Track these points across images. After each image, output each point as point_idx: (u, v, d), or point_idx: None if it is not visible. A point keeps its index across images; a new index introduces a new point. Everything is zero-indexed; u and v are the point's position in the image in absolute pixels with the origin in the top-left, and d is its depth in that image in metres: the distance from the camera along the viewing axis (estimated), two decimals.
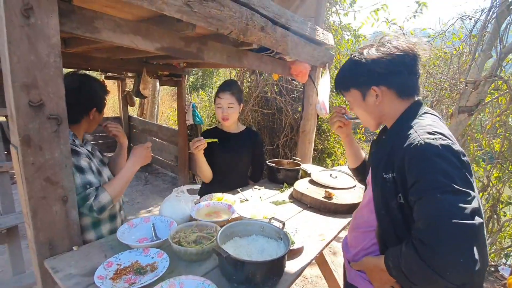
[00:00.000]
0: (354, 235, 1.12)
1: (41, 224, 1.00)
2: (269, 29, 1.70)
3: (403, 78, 0.95)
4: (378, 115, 1.02)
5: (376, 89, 0.96)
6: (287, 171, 2.04)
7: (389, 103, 0.98)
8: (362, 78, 0.99)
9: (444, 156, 0.76)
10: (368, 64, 0.95)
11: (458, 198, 0.72)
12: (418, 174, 0.79)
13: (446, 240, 0.70)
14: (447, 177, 0.74)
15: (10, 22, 0.85)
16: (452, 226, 0.69)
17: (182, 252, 1.02)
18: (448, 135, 0.83)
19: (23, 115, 0.91)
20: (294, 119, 4.32)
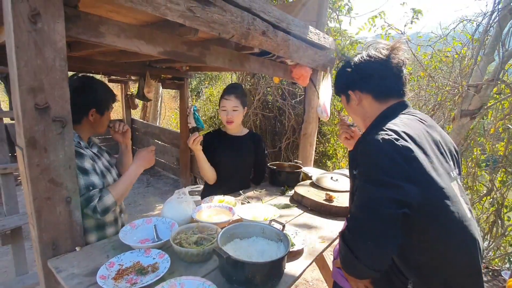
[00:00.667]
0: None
1: (45, 224, 1.02)
2: (270, 33, 1.72)
3: (374, 82, 1.00)
4: (362, 117, 1.07)
5: (351, 94, 1.05)
6: (288, 174, 2.05)
7: (368, 105, 1.04)
8: (342, 84, 1.10)
9: (381, 150, 0.81)
10: (345, 71, 1.06)
11: (381, 189, 0.77)
12: (359, 166, 0.87)
13: (362, 226, 0.79)
14: (378, 170, 0.80)
15: (18, 27, 0.87)
16: (368, 212, 0.78)
17: (183, 253, 1.03)
18: (403, 132, 0.85)
19: (29, 117, 0.93)
20: (297, 122, 4.33)
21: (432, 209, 0.81)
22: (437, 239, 0.84)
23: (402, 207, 0.76)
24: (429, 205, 0.81)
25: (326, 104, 2.46)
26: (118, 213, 1.43)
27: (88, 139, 1.41)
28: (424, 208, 0.79)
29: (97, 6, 1.39)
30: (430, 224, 0.83)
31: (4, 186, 2.00)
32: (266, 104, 4.85)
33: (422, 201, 0.78)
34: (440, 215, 0.82)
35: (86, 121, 1.34)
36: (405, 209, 0.76)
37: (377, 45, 1.02)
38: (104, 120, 1.42)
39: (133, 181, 1.34)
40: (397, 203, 0.76)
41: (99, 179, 1.26)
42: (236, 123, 1.81)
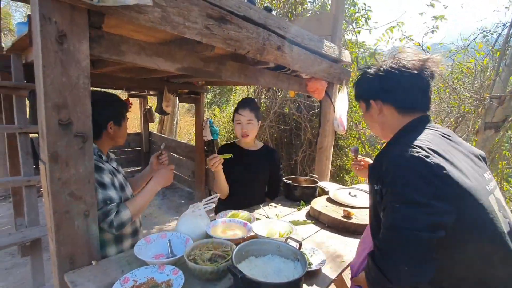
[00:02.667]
0: (358, 251, 1.11)
1: (63, 238, 1.03)
2: (285, 48, 1.73)
3: (399, 94, 0.96)
4: (383, 127, 1.04)
5: (373, 103, 1.01)
6: (304, 189, 2.00)
7: (389, 117, 0.99)
8: (364, 91, 1.05)
9: (412, 168, 0.77)
10: (368, 79, 1.01)
11: (416, 210, 0.73)
12: (387, 185, 0.82)
13: (396, 248, 0.75)
14: (410, 189, 0.75)
15: (45, 48, 0.92)
16: (402, 235, 0.74)
17: (197, 270, 1.01)
18: (430, 149, 0.80)
19: (52, 133, 0.97)
20: (313, 135, 4.29)
21: (468, 227, 0.76)
22: (474, 258, 0.78)
23: (438, 229, 0.72)
24: (466, 223, 0.76)
25: (342, 117, 2.42)
26: (138, 225, 1.45)
27: (107, 153, 1.44)
28: (460, 226, 0.75)
29: (120, 27, 1.46)
30: (466, 242, 0.77)
31: (27, 197, 2.07)
32: (283, 117, 4.85)
33: (458, 219, 0.74)
34: (478, 232, 0.77)
35: (106, 134, 1.38)
36: (441, 231, 0.72)
37: (405, 54, 0.97)
38: (123, 130, 1.45)
39: (151, 198, 1.37)
40: (432, 226, 0.72)
41: (116, 193, 1.27)
42: (251, 136, 1.81)
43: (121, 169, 1.53)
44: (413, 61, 0.94)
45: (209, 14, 1.27)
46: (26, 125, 2.24)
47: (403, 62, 0.94)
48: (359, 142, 4.45)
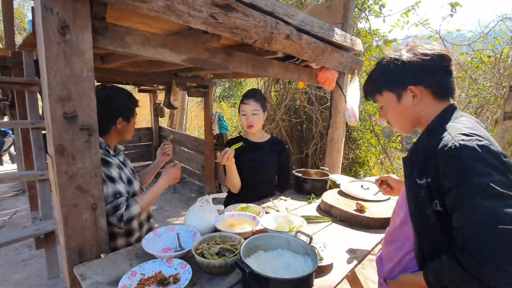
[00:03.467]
0: (388, 250, 1.04)
1: (72, 231, 1.03)
2: (294, 37, 1.67)
3: (440, 77, 0.90)
4: (414, 118, 0.96)
5: (413, 89, 0.91)
6: (315, 181, 1.96)
7: (426, 104, 0.92)
8: (397, 79, 0.94)
9: (482, 158, 0.71)
10: (403, 65, 0.92)
11: (502, 203, 0.66)
12: (455, 179, 0.73)
13: (491, 248, 0.66)
14: (487, 180, 0.68)
15: (48, 39, 0.91)
16: (497, 233, 0.65)
17: (205, 264, 0.99)
18: (486, 137, 0.76)
19: (58, 126, 0.96)
20: (324, 127, 4.21)
21: None
22: None
23: None
24: None
25: (354, 108, 2.35)
26: (145, 219, 1.46)
27: (114, 147, 1.44)
28: None
29: (125, 19, 1.44)
30: None
31: (40, 191, 2.12)
32: (294, 109, 4.78)
33: None
34: None
35: (114, 130, 1.38)
36: None
37: (427, 44, 0.93)
38: (131, 126, 1.45)
39: (159, 194, 1.41)
40: None
41: (124, 187, 1.27)
42: (256, 127, 1.77)
43: (129, 162, 1.53)
44: (439, 46, 0.90)
45: (214, 2, 1.23)
46: (38, 120, 2.28)
47: (436, 48, 0.90)
48: (372, 134, 4.34)
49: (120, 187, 1.25)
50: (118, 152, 1.46)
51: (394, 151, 4.69)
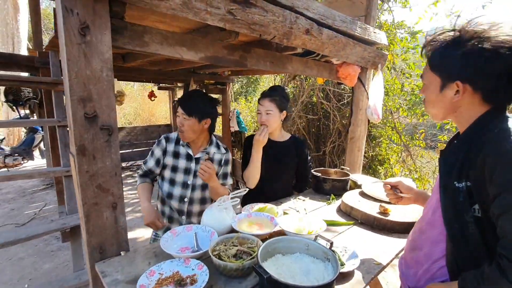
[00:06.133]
0: (414, 256, 0.97)
1: (93, 229, 1.06)
2: (315, 32, 1.61)
3: (499, 84, 0.75)
4: (450, 110, 0.86)
5: (459, 85, 0.79)
6: (334, 182, 1.90)
7: (468, 104, 0.81)
8: (450, 65, 0.80)
9: None
10: (465, 52, 0.76)
11: None
12: (504, 184, 0.66)
13: None
14: None
15: (69, 41, 0.92)
16: None
17: (222, 267, 0.98)
18: None
19: (79, 126, 0.97)
20: (343, 125, 4.09)
21: None
22: None
23: None
24: None
25: (377, 104, 2.24)
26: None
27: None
28: None
29: (144, 18, 1.45)
30: None
31: (66, 187, 2.21)
32: (311, 106, 4.68)
33: None
34: None
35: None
36: None
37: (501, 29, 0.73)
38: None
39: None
40: None
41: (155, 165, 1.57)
42: (271, 127, 1.72)
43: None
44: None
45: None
46: (64, 119, 2.37)
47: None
48: (394, 132, 4.16)
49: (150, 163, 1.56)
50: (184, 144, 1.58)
51: (417, 149, 4.48)
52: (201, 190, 1.60)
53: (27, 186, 4.78)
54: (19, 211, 3.87)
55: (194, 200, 1.60)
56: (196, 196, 1.60)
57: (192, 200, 1.59)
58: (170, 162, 1.56)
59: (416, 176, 4.03)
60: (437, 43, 0.84)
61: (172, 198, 1.57)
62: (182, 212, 1.59)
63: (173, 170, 1.56)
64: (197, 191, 1.59)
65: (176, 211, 1.59)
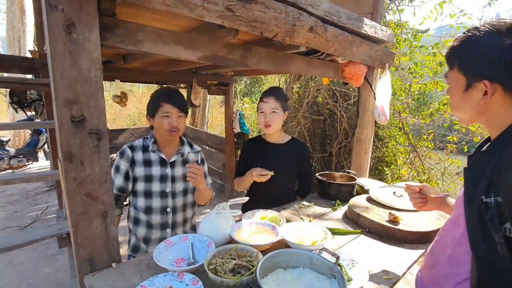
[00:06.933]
0: (433, 274, 0.87)
1: (81, 239, 0.99)
2: (319, 29, 1.52)
3: None
4: (477, 115, 0.76)
5: (487, 85, 0.70)
6: (340, 186, 1.81)
7: (499, 107, 0.71)
8: (475, 63, 0.72)
9: None
10: (493, 48, 0.68)
11: None
12: None
13: None
14: None
15: (53, 39, 0.85)
16: None
17: (218, 283, 0.90)
18: None
19: (65, 130, 0.91)
20: (350, 125, 3.99)
21: None
22: None
23: None
24: None
25: (384, 105, 2.15)
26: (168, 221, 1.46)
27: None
28: None
29: (138, 16, 1.37)
30: None
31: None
32: (316, 106, 4.59)
33: None
34: None
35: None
36: None
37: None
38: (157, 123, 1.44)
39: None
40: None
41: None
42: (274, 127, 1.65)
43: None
44: None
45: None
46: None
47: None
48: (401, 133, 4.04)
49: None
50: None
51: (426, 150, 4.34)
52: (182, 196, 1.47)
53: (31, 188, 4.78)
54: (22, 213, 3.86)
55: (177, 209, 1.46)
56: (178, 204, 1.46)
57: (175, 209, 1.45)
58: (142, 172, 1.38)
59: (424, 177, 3.91)
60: (464, 37, 0.75)
61: (151, 212, 1.40)
62: (167, 225, 1.44)
63: (147, 180, 1.39)
64: (178, 198, 1.45)
65: (159, 226, 1.43)
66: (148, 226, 1.42)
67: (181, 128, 1.41)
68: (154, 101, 1.39)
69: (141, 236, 1.43)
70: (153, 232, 1.43)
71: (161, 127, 1.37)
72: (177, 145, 1.50)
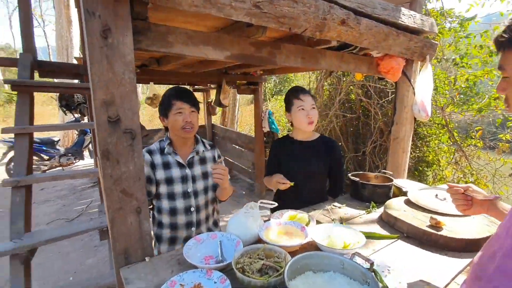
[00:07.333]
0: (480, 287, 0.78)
1: (118, 234, 1.04)
2: (351, 22, 1.45)
3: None
4: None
5: None
6: (375, 187, 1.71)
7: None
8: None
9: None
10: None
11: None
12: None
13: None
14: None
15: (91, 44, 0.91)
16: None
17: (246, 283, 0.90)
18: None
19: (102, 130, 0.96)
20: (385, 123, 3.78)
21: None
22: None
23: None
24: None
25: (425, 101, 1.99)
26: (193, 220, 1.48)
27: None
28: None
29: (170, 20, 1.42)
30: None
31: None
32: (348, 104, 4.42)
33: None
34: None
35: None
36: None
37: None
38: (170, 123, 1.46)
39: None
40: None
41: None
42: (315, 123, 1.63)
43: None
44: None
45: None
46: None
47: None
48: (445, 130, 3.73)
49: None
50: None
51: (474, 150, 3.95)
52: (204, 194, 1.49)
53: (77, 183, 5.22)
54: (69, 207, 4.23)
55: (200, 208, 1.48)
56: (201, 203, 1.48)
57: (198, 208, 1.47)
58: (162, 175, 1.40)
59: (472, 179, 3.56)
60: None
61: (176, 213, 1.43)
62: (191, 224, 1.46)
63: (168, 183, 1.41)
64: (200, 197, 1.47)
65: (184, 226, 1.45)
66: (172, 227, 1.45)
67: (195, 124, 1.42)
68: (166, 101, 1.41)
69: (166, 238, 1.46)
70: (179, 232, 1.45)
71: (176, 125, 1.38)
72: (192, 144, 1.51)
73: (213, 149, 1.59)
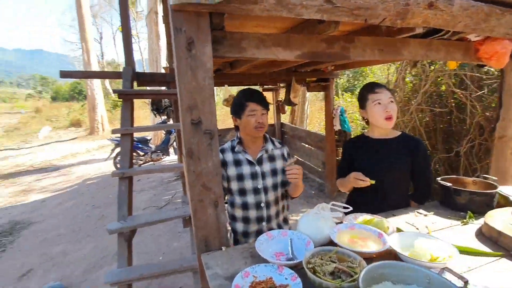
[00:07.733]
0: None
1: (199, 223, 1.17)
2: (441, 4, 1.27)
3: None
4: None
5: None
6: (473, 195, 1.45)
7: None
8: None
9: None
10: None
11: None
12: None
13: None
14: None
15: (178, 57, 1.03)
16: None
17: (317, 284, 0.89)
18: None
19: (187, 131, 1.09)
20: (486, 118, 3.17)
21: None
22: None
23: None
24: None
25: None
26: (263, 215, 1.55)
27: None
28: None
29: (243, 26, 1.51)
30: None
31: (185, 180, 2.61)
32: (437, 97, 3.86)
33: None
34: None
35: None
36: None
37: None
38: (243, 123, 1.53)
39: None
40: None
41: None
42: (394, 119, 1.49)
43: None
44: None
45: None
46: None
47: None
48: None
49: None
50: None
51: None
52: (273, 190, 1.53)
53: (165, 176, 6.01)
54: (159, 196, 4.91)
55: (270, 203, 1.54)
56: (270, 199, 1.53)
57: (268, 203, 1.53)
58: (234, 172, 1.50)
59: None
60: None
61: (248, 208, 1.51)
62: (262, 219, 1.53)
63: (239, 179, 1.50)
64: (270, 193, 1.52)
65: (255, 220, 1.53)
66: (245, 221, 1.55)
67: (266, 124, 1.48)
68: (239, 102, 1.49)
69: (239, 230, 1.57)
70: (250, 226, 1.55)
71: (249, 125, 1.46)
72: (261, 142, 1.57)
73: (282, 147, 1.63)
